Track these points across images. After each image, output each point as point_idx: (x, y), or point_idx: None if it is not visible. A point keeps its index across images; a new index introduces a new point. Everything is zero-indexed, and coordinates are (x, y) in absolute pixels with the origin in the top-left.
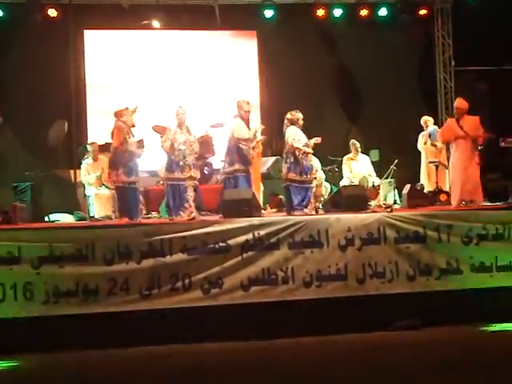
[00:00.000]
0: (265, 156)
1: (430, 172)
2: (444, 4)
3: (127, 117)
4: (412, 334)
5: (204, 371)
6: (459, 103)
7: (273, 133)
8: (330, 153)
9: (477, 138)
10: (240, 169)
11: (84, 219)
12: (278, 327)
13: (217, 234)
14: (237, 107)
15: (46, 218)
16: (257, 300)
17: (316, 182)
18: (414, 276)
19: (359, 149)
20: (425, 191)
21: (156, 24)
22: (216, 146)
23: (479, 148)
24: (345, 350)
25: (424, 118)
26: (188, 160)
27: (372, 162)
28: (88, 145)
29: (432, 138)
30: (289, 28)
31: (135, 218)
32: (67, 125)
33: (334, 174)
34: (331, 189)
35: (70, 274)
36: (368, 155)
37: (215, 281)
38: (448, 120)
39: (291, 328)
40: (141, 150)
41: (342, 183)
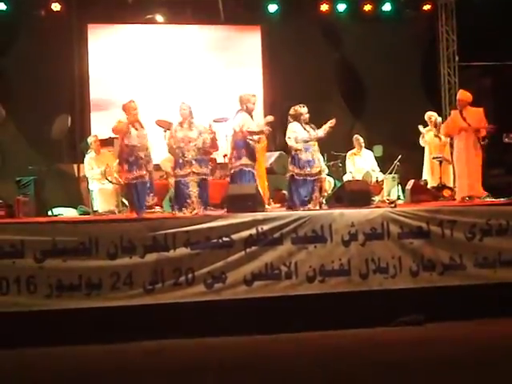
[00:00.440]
0: (269, 151)
1: (434, 167)
2: None
3: (130, 110)
4: (415, 330)
5: (206, 366)
6: (461, 95)
7: (276, 128)
8: (334, 148)
9: (479, 130)
10: (247, 163)
11: (87, 213)
12: (281, 322)
13: (220, 229)
14: (240, 101)
15: (50, 212)
16: (260, 295)
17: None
18: (418, 271)
19: (363, 144)
20: (428, 187)
21: (159, 18)
22: (219, 141)
23: (482, 142)
24: (347, 346)
25: (428, 114)
26: (188, 156)
27: (375, 158)
28: (89, 138)
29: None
30: (292, 23)
31: (140, 213)
32: (70, 119)
33: (338, 169)
34: (335, 184)
35: (74, 268)
36: (371, 150)
37: (218, 275)
38: (452, 112)
39: (294, 323)
40: None
41: (346, 178)
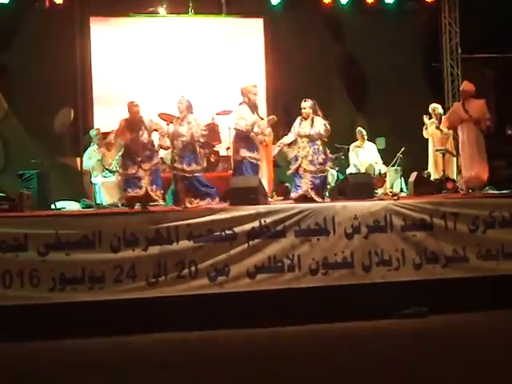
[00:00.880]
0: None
1: (437, 160)
2: None
3: (129, 111)
4: (418, 322)
5: (209, 359)
6: (465, 86)
7: (279, 121)
8: (337, 140)
9: (480, 121)
10: (246, 156)
11: (90, 207)
12: (284, 315)
13: (223, 222)
14: (242, 93)
15: (53, 206)
16: (263, 288)
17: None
18: (421, 264)
19: (366, 136)
20: (431, 179)
21: (162, 11)
22: (222, 134)
23: (485, 132)
24: (351, 338)
25: (432, 106)
26: (175, 151)
27: (378, 150)
28: (92, 131)
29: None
30: (295, 15)
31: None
32: (73, 112)
33: (341, 162)
34: (338, 176)
35: (77, 262)
36: (374, 143)
37: (222, 268)
38: (454, 104)
39: (297, 316)
40: None
41: (349, 171)
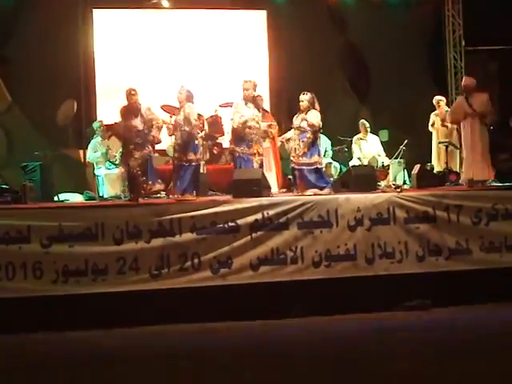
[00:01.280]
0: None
1: (441, 152)
2: None
3: (127, 99)
4: (421, 315)
5: (210, 351)
6: (466, 81)
7: (282, 113)
8: (340, 133)
9: (486, 115)
10: (238, 150)
11: (93, 199)
12: (287, 307)
13: (226, 214)
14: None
15: (56, 198)
16: (266, 280)
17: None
18: (424, 256)
19: (369, 129)
20: (434, 171)
21: (165, 3)
22: (225, 126)
23: (489, 126)
24: (353, 330)
25: (436, 98)
26: (175, 141)
27: (381, 142)
28: (95, 123)
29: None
30: (298, 7)
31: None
32: (76, 104)
33: (344, 154)
34: (340, 169)
35: (80, 254)
36: (377, 135)
37: (224, 260)
38: (458, 98)
39: (300, 308)
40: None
41: (352, 163)
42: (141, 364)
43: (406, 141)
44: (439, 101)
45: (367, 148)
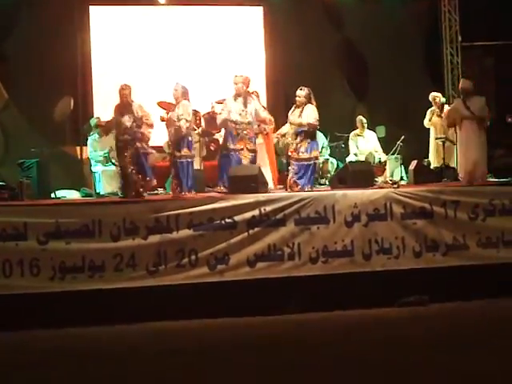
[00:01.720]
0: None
1: (438, 148)
2: None
3: (118, 92)
4: (418, 310)
5: (208, 347)
6: (464, 84)
7: (279, 110)
8: (337, 129)
9: (484, 119)
10: (228, 147)
11: (90, 196)
12: (284, 303)
13: (223, 210)
14: None
15: (53, 195)
16: (263, 276)
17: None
18: (421, 252)
19: (366, 125)
20: (431, 167)
21: (161, 0)
22: None
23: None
24: (351, 326)
25: (432, 95)
26: (170, 137)
27: (378, 138)
28: (92, 120)
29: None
30: (295, 3)
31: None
32: (73, 101)
33: (341, 150)
34: (337, 165)
35: (77, 250)
36: (374, 131)
37: (222, 257)
38: (455, 101)
39: (297, 304)
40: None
41: (349, 159)
42: (138, 360)
43: (403, 137)
44: (435, 97)
45: (364, 144)
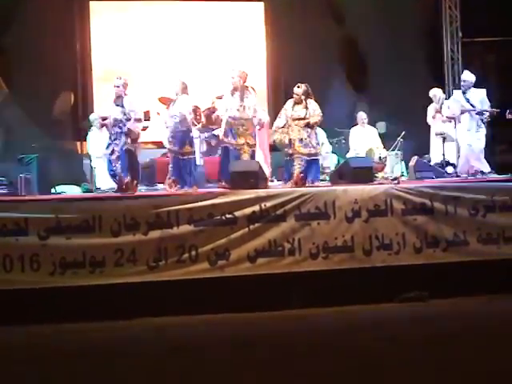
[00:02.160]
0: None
1: (438, 144)
2: None
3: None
4: (418, 306)
5: (209, 343)
6: (466, 76)
7: (280, 105)
8: (337, 125)
9: (482, 111)
10: (225, 141)
11: (90, 191)
12: (284, 299)
13: (223, 206)
14: None
15: (53, 190)
16: (263, 272)
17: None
18: (421, 248)
19: (366, 121)
20: (432, 163)
21: None
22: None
23: (485, 121)
24: (351, 322)
25: (433, 91)
26: (170, 133)
27: (379, 134)
28: (91, 116)
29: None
30: None
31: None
32: (73, 96)
33: (341, 146)
34: (338, 161)
35: (77, 246)
36: (375, 127)
37: (222, 252)
38: (455, 93)
39: (297, 299)
40: (146, 122)
41: (349, 155)
42: (139, 356)
43: (404, 133)
44: (435, 93)
45: (364, 140)
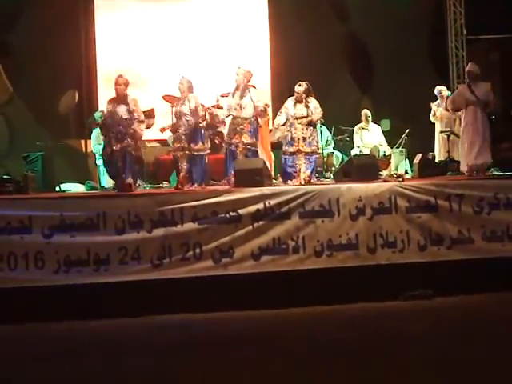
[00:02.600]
0: None
1: (442, 142)
2: None
3: (114, 83)
4: (423, 304)
5: (211, 341)
6: (471, 67)
7: (283, 101)
8: (341, 122)
9: (488, 104)
10: (228, 141)
11: (95, 189)
12: (289, 297)
13: (228, 204)
14: None
15: (57, 188)
16: (267, 269)
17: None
18: (426, 245)
19: (370, 118)
20: (436, 161)
21: None
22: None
23: (492, 117)
24: (356, 319)
25: (438, 88)
26: (179, 131)
27: (383, 132)
28: (96, 114)
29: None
30: None
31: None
32: (78, 94)
33: (345, 144)
34: (342, 158)
35: (81, 244)
36: (379, 124)
37: (226, 250)
38: (459, 86)
39: (302, 297)
40: (151, 120)
41: (353, 153)
42: (143, 354)
43: (408, 130)
44: (441, 90)
45: (369, 137)
